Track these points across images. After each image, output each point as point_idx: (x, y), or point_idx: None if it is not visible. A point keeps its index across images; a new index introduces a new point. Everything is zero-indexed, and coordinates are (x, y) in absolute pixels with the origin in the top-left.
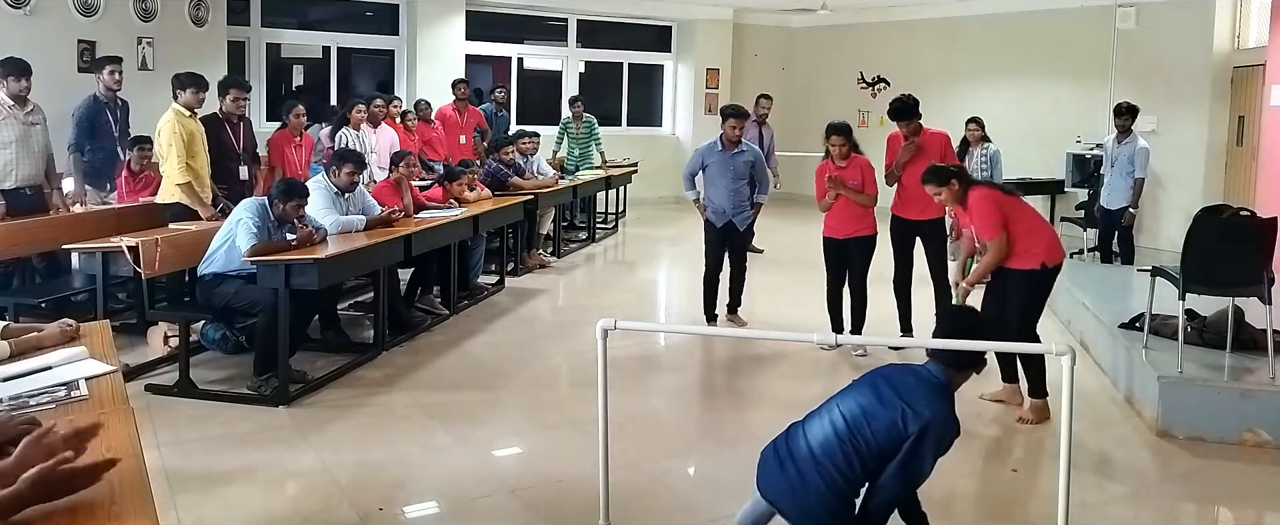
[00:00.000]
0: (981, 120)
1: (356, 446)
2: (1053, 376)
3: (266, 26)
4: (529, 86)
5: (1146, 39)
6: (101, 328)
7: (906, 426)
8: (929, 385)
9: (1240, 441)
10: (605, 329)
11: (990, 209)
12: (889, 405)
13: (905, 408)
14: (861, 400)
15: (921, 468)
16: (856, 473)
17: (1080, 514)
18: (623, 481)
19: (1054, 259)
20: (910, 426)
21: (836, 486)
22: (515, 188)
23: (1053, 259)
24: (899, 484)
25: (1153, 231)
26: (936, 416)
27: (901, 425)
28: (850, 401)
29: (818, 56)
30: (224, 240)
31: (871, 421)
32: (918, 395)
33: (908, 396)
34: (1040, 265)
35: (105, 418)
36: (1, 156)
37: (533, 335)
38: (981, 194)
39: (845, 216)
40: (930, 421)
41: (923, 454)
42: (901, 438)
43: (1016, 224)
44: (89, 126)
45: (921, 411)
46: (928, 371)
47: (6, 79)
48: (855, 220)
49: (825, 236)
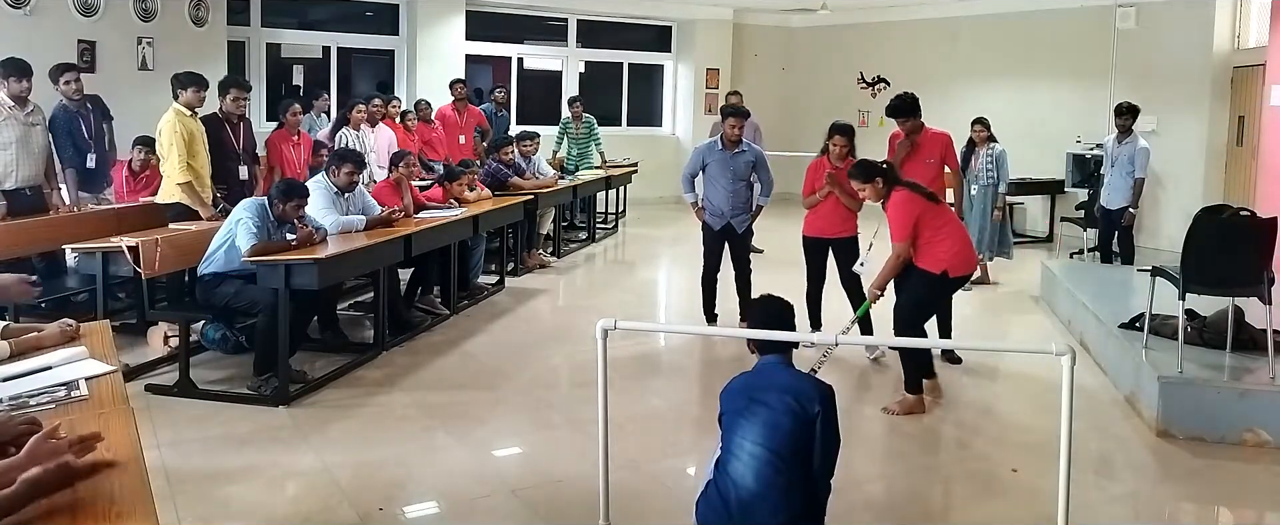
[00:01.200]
0: (987, 121)
1: (356, 446)
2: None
3: (266, 26)
4: (529, 86)
5: (1146, 39)
6: (101, 328)
7: (808, 410)
8: (783, 371)
9: (1240, 441)
10: (605, 329)
11: (905, 214)
12: (779, 407)
13: (792, 400)
14: (756, 420)
15: (837, 432)
16: (797, 477)
17: (1080, 514)
18: (623, 481)
19: (958, 271)
20: (811, 408)
21: (788, 499)
22: (515, 188)
23: (956, 270)
24: (831, 457)
25: (1153, 231)
26: (816, 387)
27: (803, 412)
28: (748, 429)
29: (818, 56)
30: (224, 240)
31: (778, 431)
32: (788, 383)
33: (784, 390)
34: (941, 272)
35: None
36: (2, 157)
37: (533, 335)
38: (903, 197)
39: (832, 217)
40: (820, 393)
41: (833, 419)
42: (811, 422)
43: (933, 232)
44: (68, 136)
45: (805, 390)
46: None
47: (8, 80)
48: (841, 221)
49: (807, 236)
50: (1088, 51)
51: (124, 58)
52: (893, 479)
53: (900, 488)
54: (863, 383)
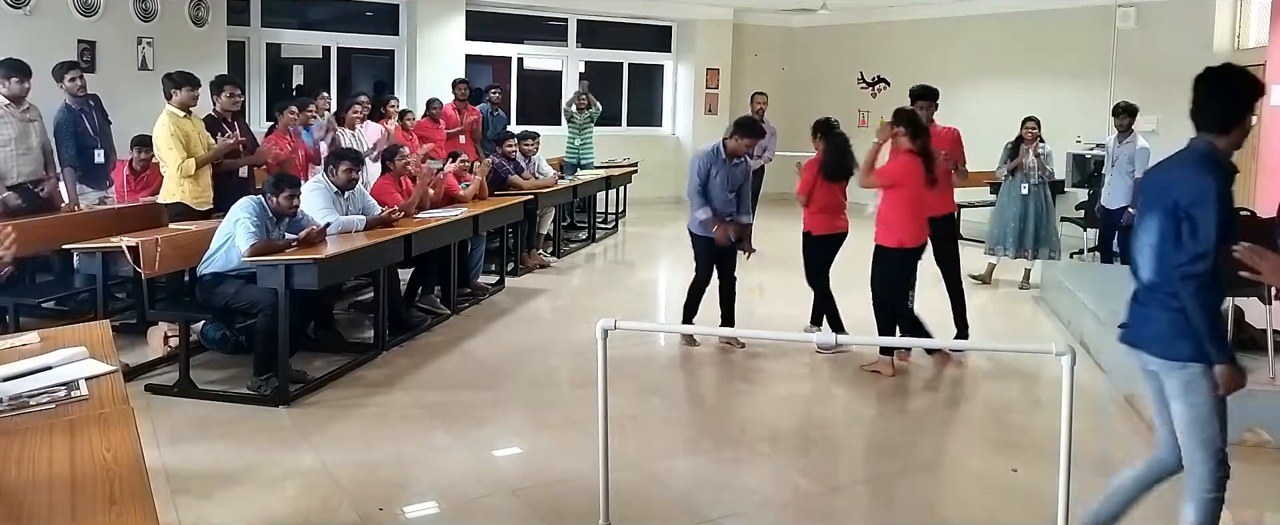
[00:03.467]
0: (1038, 120)
1: (356, 446)
2: (1053, 376)
3: (266, 26)
4: (529, 86)
5: (1146, 39)
6: (101, 328)
7: (1181, 211)
8: (1187, 159)
9: (1240, 441)
10: (605, 329)
11: (902, 170)
12: (1160, 207)
13: (1174, 194)
14: (1146, 217)
15: (1211, 224)
16: (1176, 278)
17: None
18: (623, 481)
19: (915, 241)
20: (1188, 210)
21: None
22: (514, 187)
23: (913, 241)
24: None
25: None
26: (1186, 188)
27: (1176, 210)
28: (1144, 224)
29: (818, 56)
30: (223, 240)
31: (1152, 228)
32: (1178, 175)
33: (1171, 188)
34: (898, 244)
35: (105, 418)
36: (4, 155)
37: (533, 335)
38: (911, 160)
39: (838, 214)
40: (1180, 195)
41: (1202, 214)
42: (1178, 218)
43: (900, 200)
44: (73, 135)
45: (1174, 186)
46: (1188, 151)
47: (8, 80)
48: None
49: (818, 234)
50: (1088, 51)
51: (124, 58)
52: (892, 478)
53: (899, 487)
54: (859, 381)
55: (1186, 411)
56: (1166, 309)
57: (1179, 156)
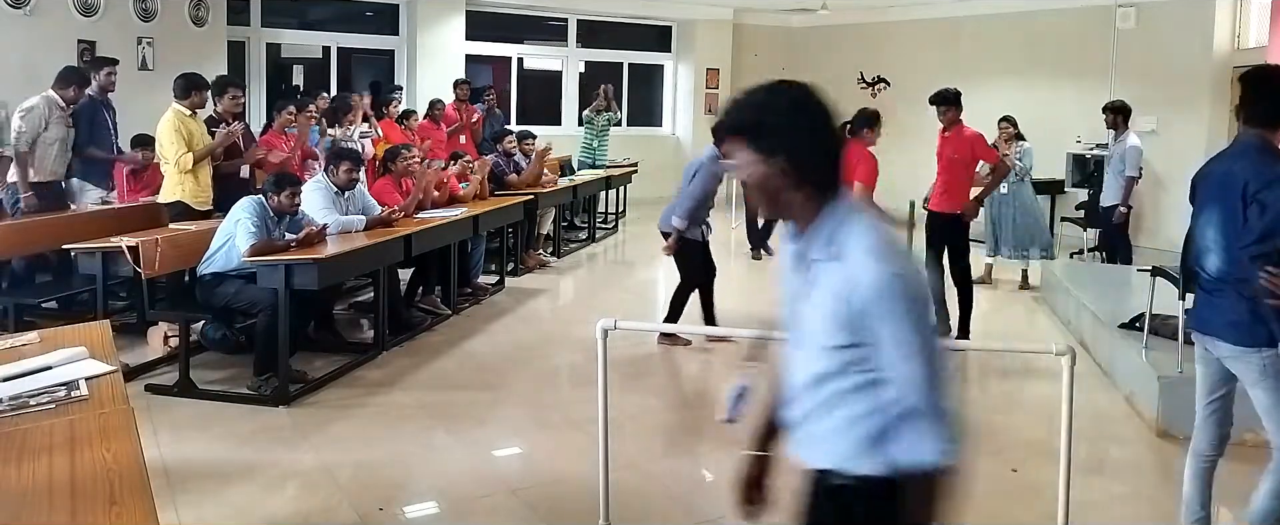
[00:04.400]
0: (1014, 119)
1: (356, 446)
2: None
3: (266, 26)
4: (529, 86)
5: (1146, 39)
6: (101, 328)
7: (1250, 195)
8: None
9: (1240, 441)
10: (605, 329)
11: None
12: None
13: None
14: (1207, 209)
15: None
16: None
17: (1080, 514)
18: (623, 481)
19: None
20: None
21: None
22: (513, 187)
23: None
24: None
25: (1152, 231)
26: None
27: (1244, 194)
28: (1204, 216)
29: (818, 56)
30: (224, 240)
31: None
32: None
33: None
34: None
35: (105, 418)
36: (50, 153)
37: (533, 335)
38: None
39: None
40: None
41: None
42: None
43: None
44: (90, 126)
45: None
46: (1242, 144)
47: (68, 87)
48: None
49: None
50: (1088, 51)
51: (124, 58)
52: None
53: None
54: None
55: (1266, 396)
56: (1241, 297)
57: (1235, 150)
